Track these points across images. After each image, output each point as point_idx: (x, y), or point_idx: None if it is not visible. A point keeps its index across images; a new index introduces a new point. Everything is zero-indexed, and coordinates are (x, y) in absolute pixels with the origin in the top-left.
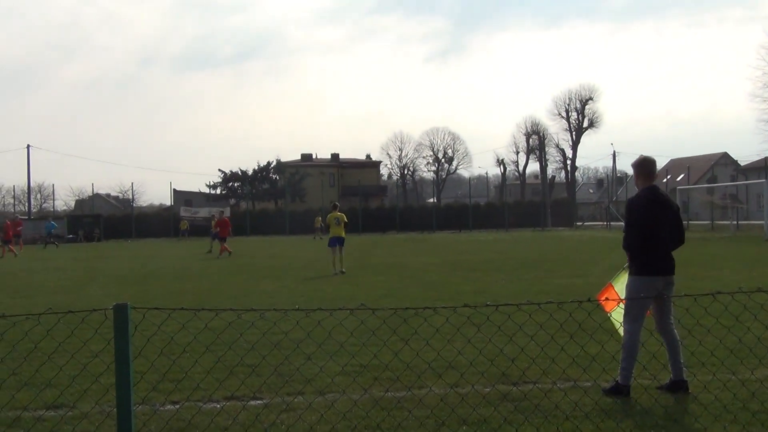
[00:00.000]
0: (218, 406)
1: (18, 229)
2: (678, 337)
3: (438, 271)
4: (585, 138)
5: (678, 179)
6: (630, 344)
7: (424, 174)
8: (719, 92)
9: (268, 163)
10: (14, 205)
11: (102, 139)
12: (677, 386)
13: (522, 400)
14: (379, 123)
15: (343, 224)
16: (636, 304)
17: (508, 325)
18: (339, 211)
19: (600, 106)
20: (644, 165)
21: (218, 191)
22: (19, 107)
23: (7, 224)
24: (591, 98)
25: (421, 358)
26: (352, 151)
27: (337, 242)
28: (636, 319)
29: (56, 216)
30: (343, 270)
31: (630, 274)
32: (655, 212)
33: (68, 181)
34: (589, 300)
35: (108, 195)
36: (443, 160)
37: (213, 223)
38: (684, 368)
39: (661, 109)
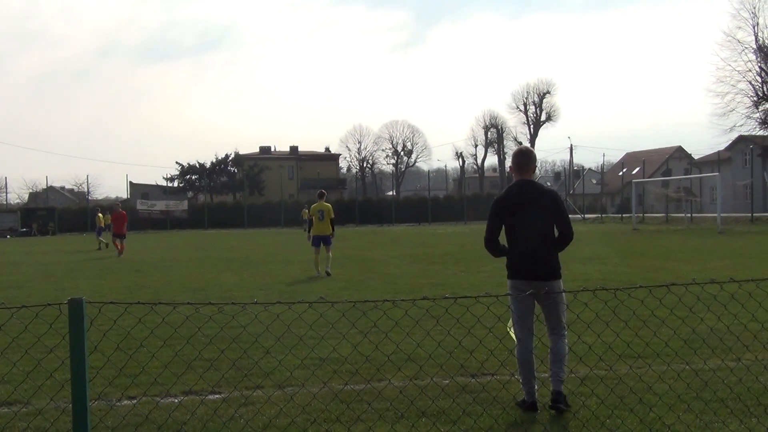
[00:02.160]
0: (176, 400)
1: None
2: (564, 349)
3: (397, 264)
4: (543, 131)
5: (633, 172)
6: (517, 354)
7: (384, 167)
8: (675, 87)
9: (227, 156)
10: None
11: (57, 130)
12: (554, 397)
13: (480, 391)
14: (338, 116)
15: (327, 219)
16: (512, 309)
17: (467, 318)
18: (326, 201)
19: (557, 100)
20: (515, 156)
21: (176, 184)
22: None
23: None
24: (548, 92)
25: (380, 350)
26: (311, 143)
27: (320, 241)
28: (519, 326)
29: (9, 209)
30: (329, 272)
31: None
32: (510, 210)
33: (21, 174)
34: (546, 292)
35: (63, 188)
36: (402, 153)
37: (100, 218)
38: (562, 381)
39: (618, 103)
